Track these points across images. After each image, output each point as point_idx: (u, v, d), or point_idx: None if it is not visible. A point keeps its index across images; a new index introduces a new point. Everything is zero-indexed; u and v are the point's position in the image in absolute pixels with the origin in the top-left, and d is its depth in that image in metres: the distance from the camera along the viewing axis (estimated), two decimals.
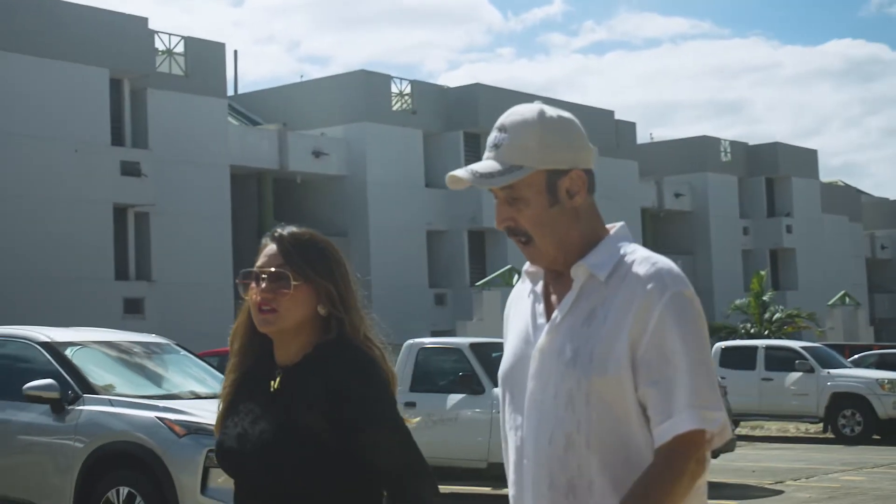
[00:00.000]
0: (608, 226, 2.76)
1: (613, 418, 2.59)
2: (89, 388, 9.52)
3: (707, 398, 2.55)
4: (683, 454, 2.54)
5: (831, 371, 23.50)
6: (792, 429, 25.43)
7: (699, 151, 51.97)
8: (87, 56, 29.37)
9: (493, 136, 2.72)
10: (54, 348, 9.92)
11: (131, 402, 9.34)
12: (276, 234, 3.02)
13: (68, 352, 9.94)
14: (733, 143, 53.40)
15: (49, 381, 9.38)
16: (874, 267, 61.78)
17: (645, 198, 49.50)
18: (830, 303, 45.16)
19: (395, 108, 38.92)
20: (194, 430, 8.97)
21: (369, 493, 2.93)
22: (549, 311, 2.72)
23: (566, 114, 2.76)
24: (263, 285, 2.93)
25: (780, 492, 14.92)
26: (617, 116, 48.10)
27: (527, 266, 2.81)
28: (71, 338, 10.31)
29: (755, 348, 24.62)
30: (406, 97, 39.62)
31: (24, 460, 9.59)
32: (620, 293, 2.61)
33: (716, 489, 15.26)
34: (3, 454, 9.75)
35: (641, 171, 49.06)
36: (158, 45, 32.63)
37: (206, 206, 31.91)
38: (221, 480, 8.77)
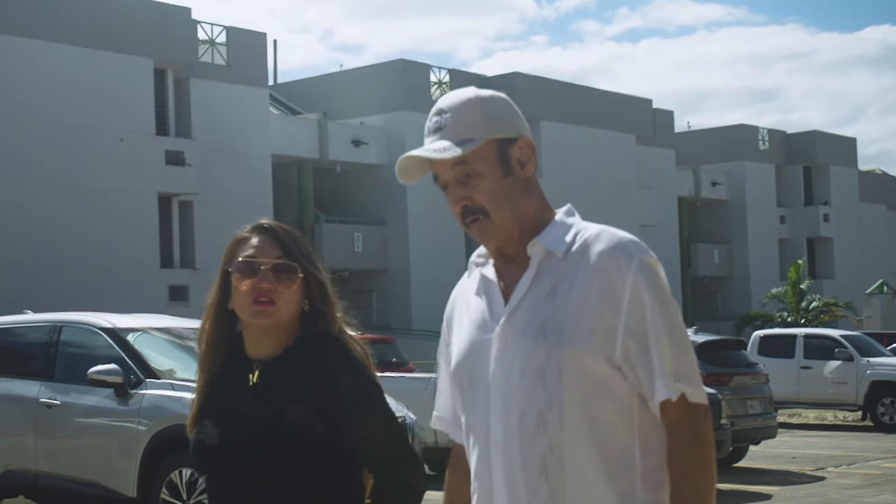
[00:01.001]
0: (556, 210, 2.75)
1: (586, 392, 2.55)
2: (151, 372, 9.83)
3: (693, 370, 2.57)
4: (694, 421, 2.55)
5: (871, 359, 23.56)
6: (830, 417, 25.50)
7: (737, 140, 51.86)
8: (133, 46, 29.71)
9: (433, 122, 2.69)
10: (117, 334, 10.24)
11: (192, 385, 9.61)
12: (265, 227, 3.02)
13: (130, 337, 10.24)
14: (771, 132, 53.27)
15: (112, 365, 9.69)
16: None
17: (682, 186, 49.48)
18: (868, 291, 45.06)
19: (433, 97, 39.13)
20: None
21: (354, 482, 2.96)
22: (504, 295, 2.67)
23: (498, 93, 2.74)
24: (266, 277, 2.91)
25: (822, 478, 15.05)
26: (653, 105, 48.08)
27: (474, 257, 2.78)
28: (132, 324, 10.61)
29: (794, 337, 24.68)
30: (444, 86, 39.80)
31: (89, 442, 9.91)
32: (583, 265, 2.58)
33: (757, 475, 15.46)
34: (69, 436, 10.08)
35: (678, 160, 49.05)
36: (201, 35, 32.92)
37: (248, 195, 32.21)
38: None
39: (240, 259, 2.94)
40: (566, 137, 41.20)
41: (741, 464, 16.34)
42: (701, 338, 17.30)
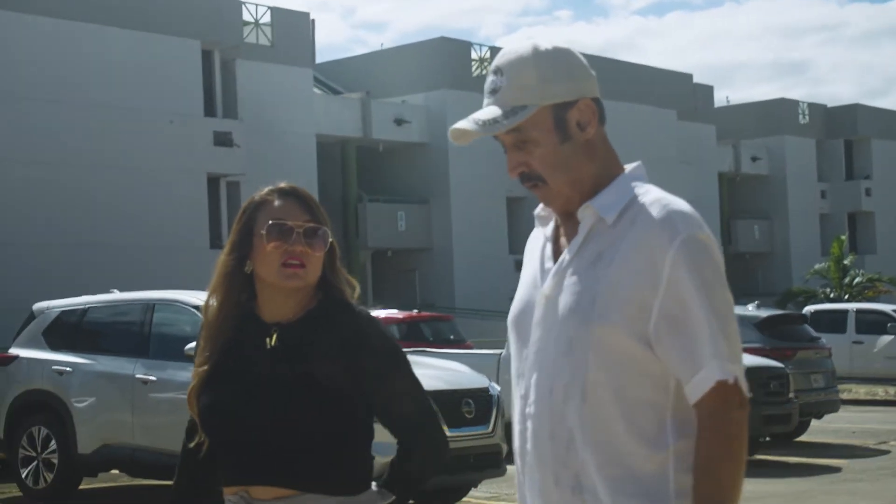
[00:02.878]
0: (626, 165, 2.64)
1: (614, 369, 2.46)
2: None
3: (728, 349, 2.45)
4: (723, 404, 2.43)
5: None
6: (881, 392, 25.51)
7: (776, 114, 51.64)
8: (180, 28, 29.91)
9: (489, 81, 2.59)
10: None
11: None
12: (288, 190, 3.01)
13: None
14: (811, 105, 53.03)
15: None
16: None
17: (722, 162, 49.36)
18: None
19: (475, 75, 39.14)
20: None
21: (367, 447, 2.98)
22: (556, 254, 2.62)
23: (562, 44, 2.61)
24: (298, 240, 2.91)
25: (887, 451, 15.14)
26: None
27: (538, 209, 2.72)
28: None
29: (846, 312, 24.75)
30: (486, 63, 39.80)
31: (184, 417, 10.08)
32: (629, 236, 2.47)
33: (821, 449, 15.54)
34: (165, 412, 10.30)
35: (718, 135, 48.93)
36: (245, 16, 33.10)
37: (293, 175, 31.83)
38: (382, 436, 9.21)
39: (270, 222, 2.91)
40: (607, 113, 41.05)
41: (804, 438, 16.43)
42: (764, 312, 17.38)
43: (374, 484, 2.97)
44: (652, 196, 2.51)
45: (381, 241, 37.29)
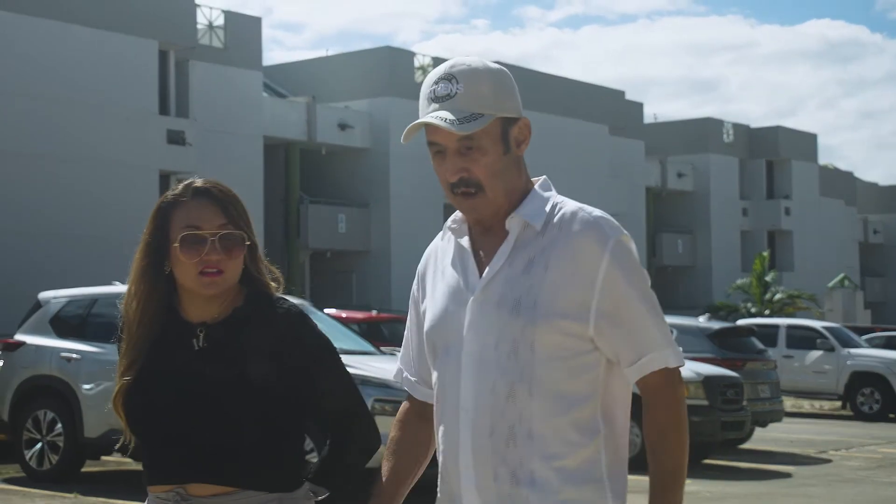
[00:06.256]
0: (533, 179, 2.82)
1: (557, 366, 2.63)
2: None
3: (668, 336, 2.69)
4: (670, 386, 2.68)
5: (851, 350, 24.77)
6: (806, 405, 26.65)
7: (702, 132, 53.13)
8: (139, 28, 30.32)
9: (441, 86, 2.69)
10: None
11: None
12: (202, 189, 2.89)
13: None
14: (736, 126, 54.59)
15: None
16: (866, 251, 63.28)
17: (649, 177, 50.64)
18: (831, 285, 46.50)
19: (417, 82, 39.80)
20: (360, 381, 10.14)
21: (301, 443, 2.96)
22: (479, 265, 2.73)
23: (503, 68, 2.77)
24: (213, 248, 2.83)
25: (828, 461, 16.02)
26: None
27: (451, 221, 2.83)
28: None
29: (777, 327, 25.81)
30: (427, 70, 40.36)
31: None
32: (559, 242, 2.65)
33: (767, 456, 16.48)
34: None
35: (646, 151, 50.18)
36: (200, 18, 33.55)
37: (240, 175, 32.80)
38: (387, 427, 9.96)
39: (184, 233, 2.83)
40: (539, 126, 41.72)
41: (747, 445, 17.37)
42: (716, 325, 18.40)
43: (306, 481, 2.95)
44: (572, 205, 2.72)
45: (320, 242, 37.86)
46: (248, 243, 2.88)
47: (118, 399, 2.92)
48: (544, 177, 2.81)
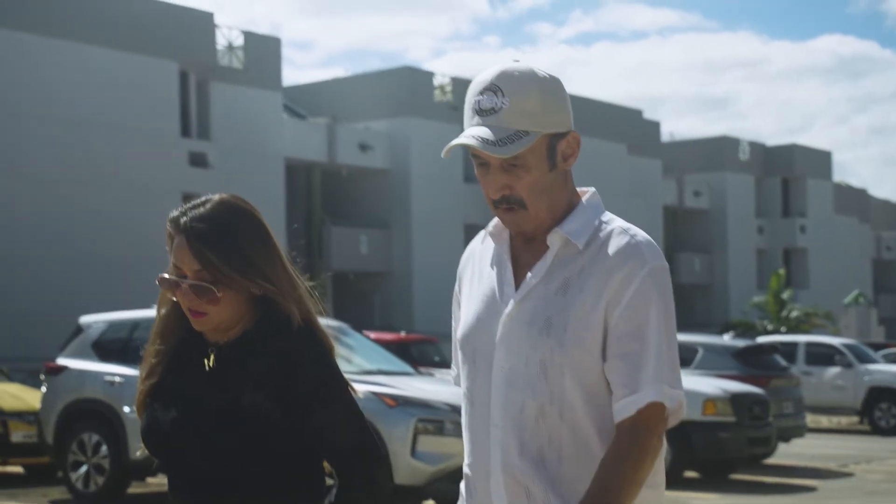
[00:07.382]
0: (579, 190, 2.71)
1: (587, 390, 2.55)
2: None
3: (670, 375, 2.54)
4: (646, 429, 2.51)
5: (868, 366, 24.99)
6: (825, 421, 26.80)
7: (718, 151, 53.38)
8: (159, 49, 30.66)
9: (485, 98, 2.55)
10: None
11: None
12: (181, 227, 2.70)
13: None
14: (752, 144, 54.82)
15: None
16: (879, 267, 63.43)
17: (666, 195, 50.88)
18: (846, 301, 46.61)
19: (437, 102, 39.93)
20: (403, 401, 10.41)
21: (315, 472, 2.78)
22: (517, 276, 2.63)
23: (554, 76, 2.63)
24: (187, 294, 2.70)
25: (851, 474, 16.14)
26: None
27: (492, 227, 2.71)
28: None
29: (796, 344, 26.01)
30: (447, 90, 40.37)
31: None
32: (598, 264, 2.55)
33: (790, 471, 16.65)
34: None
35: (663, 170, 50.44)
36: (219, 39, 33.90)
37: (262, 197, 33.16)
38: (429, 446, 10.25)
39: (161, 275, 2.74)
40: None
41: (771, 460, 17.57)
42: (741, 343, 18.64)
43: None
44: (617, 225, 2.61)
45: (343, 263, 38.13)
46: (220, 294, 2.69)
47: (139, 408, 2.85)
48: (592, 189, 2.71)
